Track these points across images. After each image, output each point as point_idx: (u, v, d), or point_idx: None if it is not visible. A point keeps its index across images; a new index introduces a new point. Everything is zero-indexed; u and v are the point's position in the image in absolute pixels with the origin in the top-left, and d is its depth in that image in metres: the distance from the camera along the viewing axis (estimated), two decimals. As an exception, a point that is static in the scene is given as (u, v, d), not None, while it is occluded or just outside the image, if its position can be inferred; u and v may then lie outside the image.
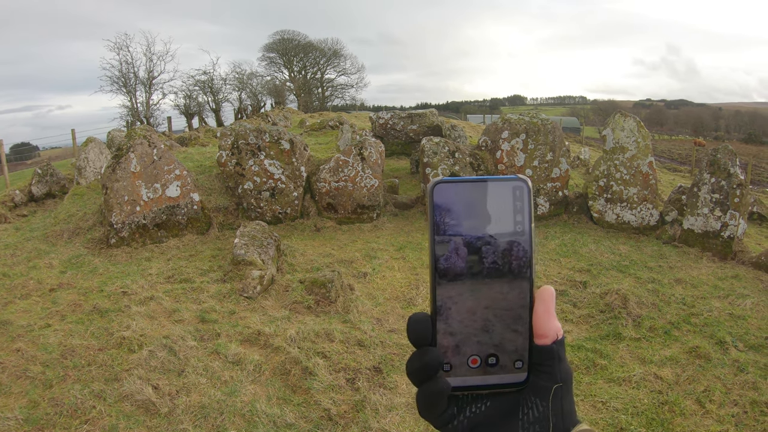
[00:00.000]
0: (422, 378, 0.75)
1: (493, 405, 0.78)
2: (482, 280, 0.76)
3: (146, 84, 39.96)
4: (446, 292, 0.76)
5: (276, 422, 4.77)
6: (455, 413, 0.78)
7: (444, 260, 0.75)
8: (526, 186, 0.76)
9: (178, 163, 10.13)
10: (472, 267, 0.75)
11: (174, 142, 17.20)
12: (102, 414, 4.78)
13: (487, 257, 0.75)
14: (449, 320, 0.76)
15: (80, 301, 7.10)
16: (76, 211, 10.75)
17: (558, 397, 0.76)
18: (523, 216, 0.76)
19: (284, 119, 24.42)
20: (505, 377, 0.77)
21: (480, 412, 0.78)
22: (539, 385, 0.77)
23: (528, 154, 11.70)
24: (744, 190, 9.82)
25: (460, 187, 0.75)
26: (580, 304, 7.45)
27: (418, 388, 0.76)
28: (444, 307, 0.76)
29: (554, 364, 0.77)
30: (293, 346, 5.96)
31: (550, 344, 0.77)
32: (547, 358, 0.77)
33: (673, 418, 5.00)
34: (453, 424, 0.77)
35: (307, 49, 56.81)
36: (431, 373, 0.74)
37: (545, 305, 0.77)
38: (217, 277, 7.93)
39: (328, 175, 11.20)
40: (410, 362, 0.75)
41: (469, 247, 0.75)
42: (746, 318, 6.96)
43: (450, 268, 0.75)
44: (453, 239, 0.75)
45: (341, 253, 9.34)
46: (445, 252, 0.75)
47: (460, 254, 0.75)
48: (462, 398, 0.79)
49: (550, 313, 0.77)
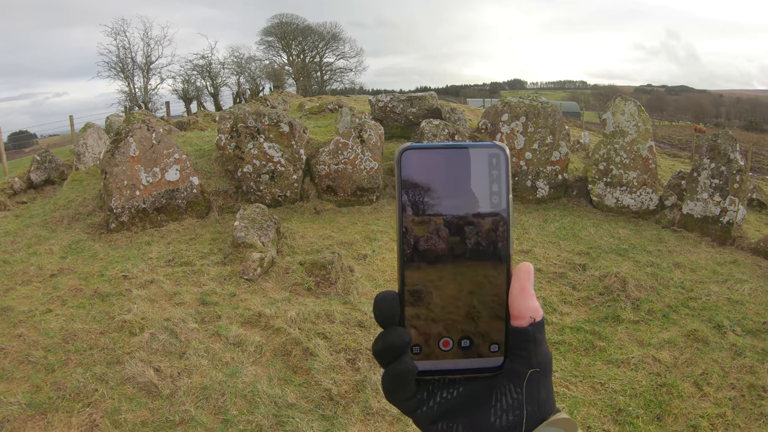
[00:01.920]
0: (387, 359, 0.70)
1: (465, 391, 0.73)
2: (456, 259, 0.70)
3: (144, 69, 39.71)
4: (415, 272, 0.70)
5: (277, 402, 4.79)
6: (424, 398, 0.73)
7: (413, 237, 0.70)
8: (504, 153, 0.70)
9: (177, 147, 10.11)
10: (445, 245, 0.70)
11: (173, 127, 17.15)
12: (104, 397, 4.81)
13: (460, 234, 0.70)
14: (419, 300, 0.71)
15: (81, 286, 7.11)
16: (75, 197, 10.74)
17: (533, 384, 0.71)
18: (500, 187, 0.70)
19: (283, 103, 24.34)
20: (480, 361, 0.72)
21: (452, 398, 0.73)
22: (514, 370, 0.71)
23: (528, 137, 11.67)
24: (744, 175, 9.78)
25: (431, 155, 0.70)
26: (580, 287, 7.47)
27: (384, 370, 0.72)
28: (413, 286, 0.71)
29: (530, 348, 0.71)
30: (294, 327, 5.97)
31: (526, 326, 0.71)
32: (523, 341, 0.71)
33: (671, 400, 5.03)
34: (422, 410, 0.73)
35: (306, 33, 56.36)
36: (396, 355, 0.70)
37: (521, 284, 0.71)
38: (218, 259, 7.94)
39: (328, 158, 11.17)
40: (376, 342, 0.71)
41: (442, 223, 0.69)
42: (744, 303, 6.97)
43: (420, 246, 0.70)
44: (424, 213, 0.69)
45: (341, 235, 9.34)
46: (414, 228, 0.70)
47: (431, 231, 0.70)
48: (433, 383, 0.74)
49: (527, 292, 0.71)
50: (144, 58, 39.68)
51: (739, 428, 4.73)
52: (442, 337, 0.72)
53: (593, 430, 4.62)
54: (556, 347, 5.95)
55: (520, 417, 0.70)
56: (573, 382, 5.30)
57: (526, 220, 10.55)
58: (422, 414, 0.73)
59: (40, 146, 29.38)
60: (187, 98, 42.16)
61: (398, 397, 0.72)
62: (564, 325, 6.42)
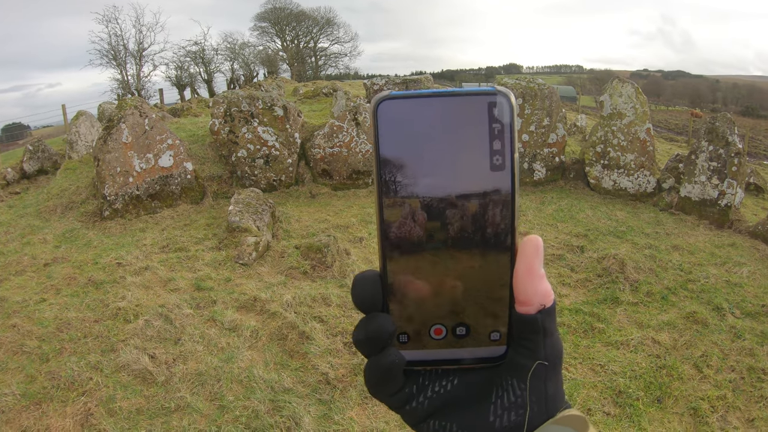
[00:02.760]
0: (370, 350, 0.62)
1: (461, 383, 0.64)
2: (447, 232, 0.59)
3: (136, 56, 39.49)
4: (399, 247, 0.60)
5: (274, 387, 4.76)
6: (414, 393, 0.64)
7: (395, 205, 0.58)
8: (508, 102, 0.57)
9: (170, 132, 10.03)
10: (433, 215, 0.58)
11: (166, 114, 17.05)
12: (99, 385, 4.77)
13: (453, 202, 0.58)
14: (405, 280, 0.61)
15: (75, 275, 7.06)
16: (68, 186, 10.66)
17: (540, 378, 0.61)
18: (503, 144, 0.57)
19: (277, 88, 24.17)
20: (477, 351, 0.63)
21: (445, 392, 0.64)
22: (518, 362, 0.62)
23: (524, 119, 11.60)
24: (742, 158, 9.76)
25: (415, 105, 0.58)
26: (578, 269, 7.45)
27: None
28: (397, 265, 0.60)
29: (537, 339, 0.61)
30: (290, 311, 5.94)
31: (534, 313, 0.61)
32: (529, 330, 0.61)
33: (671, 382, 5.02)
34: (411, 405, 0.64)
35: (300, 18, 56.09)
36: (380, 345, 0.61)
37: (527, 262, 0.60)
38: (212, 245, 7.89)
39: (323, 141, 11.11)
40: (356, 331, 0.62)
41: (430, 188, 0.58)
42: (743, 285, 6.97)
43: (404, 216, 0.59)
44: (408, 175, 0.58)
45: (337, 218, 9.29)
46: (397, 193, 0.58)
47: (417, 198, 0.58)
48: (424, 375, 0.65)
49: (534, 272, 0.60)
50: (136, 45, 39.45)
51: (740, 410, 4.72)
52: (434, 324, 0.62)
53: (593, 412, 4.59)
54: (555, 328, 5.91)
55: (523, 417, 0.60)
56: (572, 364, 5.28)
57: (523, 202, 10.48)
58: (411, 410, 0.64)
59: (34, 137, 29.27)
60: (180, 85, 41.98)
61: (383, 392, 0.64)
62: (563, 306, 6.40)
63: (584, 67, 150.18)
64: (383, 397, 0.64)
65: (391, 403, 0.65)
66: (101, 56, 38.61)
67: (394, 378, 0.62)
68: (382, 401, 0.65)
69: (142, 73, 40.12)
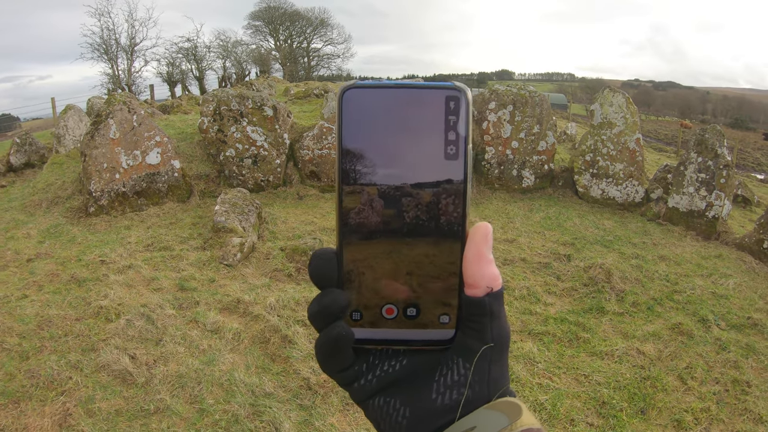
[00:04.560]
0: (322, 324, 0.63)
1: (410, 364, 0.66)
2: (402, 216, 0.62)
3: (128, 51, 39.43)
4: (355, 229, 0.62)
5: (254, 392, 4.72)
6: (363, 371, 0.66)
7: (354, 187, 0.61)
8: (464, 97, 0.61)
9: (158, 129, 9.97)
10: (390, 200, 0.61)
11: (156, 110, 17.02)
12: (78, 385, 4.72)
13: (408, 188, 0.61)
14: (359, 260, 0.63)
15: (58, 271, 7.00)
16: (54, 180, 10.59)
17: (485, 360, 0.63)
18: (457, 136, 0.61)
19: (268, 87, 24.16)
20: (426, 332, 0.65)
21: (393, 371, 0.66)
22: (466, 344, 0.64)
23: (515, 125, 11.60)
24: (730, 171, 9.81)
25: (378, 95, 0.61)
26: (564, 277, 7.45)
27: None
28: (352, 245, 0.63)
29: (485, 321, 0.63)
30: (273, 314, 5.90)
31: (482, 296, 0.63)
32: (477, 312, 0.63)
33: (655, 393, 5.02)
34: (359, 383, 0.66)
35: (294, 18, 56.16)
36: (331, 319, 0.63)
37: (476, 248, 0.63)
38: (197, 244, 7.85)
39: (312, 143, 11.08)
40: (311, 305, 0.64)
41: (388, 174, 0.61)
42: (729, 297, 7.00)
43: (362, 199, 0.62)
44: (368, 161, 0.61)
45: (324, 221, 9.26)
46: (356, 176, 0.61)
47: (375, 182, 0.61)
48: (375, 355, 0.67)
49: (482, 257, 0.63)
50: (128, 39, 39.45)
51: (723, 423, 4.73)
52: (386, 304, 0.65)
53: (577, 422, 4.58)
54: (540, 338, 5.92)
55: (462, 396, 0.62)
56: (556, 374, 5.26)
57: (511, 209, 10.53)
58: (359, 387, 0.66)
59: (23, 129, 29.13)
60: (171, 82, 41.98)
61: (333, 367, 0.66)
62: (548, 315, 6.39)
63: (576, 75, 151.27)
64: (333, 373, 0.66)
65: (341, 380, 0.67)
66: (92, 50, 38.63)
67: (343, 352, 0.64)
68: (332, 377, 0.67)
69: (133, 68, 40.10)
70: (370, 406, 0.66)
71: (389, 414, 0.65)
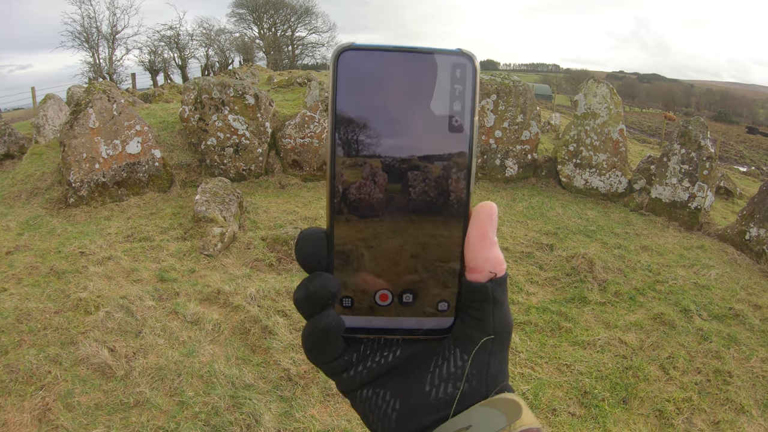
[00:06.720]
0: (310, 311, 0.58)
1: (404, 354, 0.61)
2: (399, 194, 0.57)
3: (109, 39, 39.10)
4: (349, 206, 0.58)
5: (234, 383, 4.70)
6: (353, 361, 0.61)
7: (348, 163, 0.57)
8: (471, 65, 0.56)
9: (139, 118, 9.86)
10: (386, 175, 0.57)
11: (137, 99, 16.88)
12: (57, 379, 4.69)
13: (407, 163, 0.56)
14: (352, 241, 0.58)
15: (37, 264, 6.93)
16: (34, 171, 10.47)
17: (485, 352, 0.59)
18: (463, 107, 0.56)
19: (252, 76, 24.04)
20: (423, 321, 0.60)
21: (386, 362, 0.61)
22: (464, 333, 0.59)
23: (498, 115, 11.61)
24: (713, 162, 9.90)
25: (378, 58, 0.56)
26: (546, 267, 7.47)
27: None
28: (345, 224, 0.58)
29: (486, 308, 0.59)
30: (253, 304, 5.87)
31: (485, 282, 0.59)
32: (479, 299, 0.59)
33: (636, 383, 5.06)
34: (348, 373, 0.61)
35: (278, 6, 55.73)
36: (320, 306, 0.58)
37: (480, 228, 0.58)
38: (178, 235, 7.79)
39: (294, 132, 11.01)
40: (297, 290, 0.59)
41: (385, 148, 0.56)
42: (710, 288, 7.07)
43: (356, 175, 0.57)
44: (364, 133, 0.56)
45: (306, 210, 9.22)
46: (350, 150, 0.56)
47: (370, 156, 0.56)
48: (366, 344, 0.62)
49: (487, 238, 0.58)
50: (109, 27, 39.09)
51: (705, 413, 4.77)
52: (380, 289, 0.60)
53: (559, 412, 4.60)
54: (522, 327, 5.93)
55: (458, 390, 0.58)
56: (538, 363, 5.28)
57: (494, 198, 10.53)
58: (348, 378, 0.62)
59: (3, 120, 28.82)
60: (153, 70, 41.71)
61: (320, 357, 0.61)
62: (530, 305, 6.41)
63: (561, 67, 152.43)
64: (320, 364, 0.62)
65: (328, 370, 0.62)
66: (73, 38, 38.24)
67: (331, 342, 0.60)
68: (318, 366, 0.63)
69: (114, 56, 39.74)
70: (358, 397, 0.62)
71: (378, 406, 0.60)
